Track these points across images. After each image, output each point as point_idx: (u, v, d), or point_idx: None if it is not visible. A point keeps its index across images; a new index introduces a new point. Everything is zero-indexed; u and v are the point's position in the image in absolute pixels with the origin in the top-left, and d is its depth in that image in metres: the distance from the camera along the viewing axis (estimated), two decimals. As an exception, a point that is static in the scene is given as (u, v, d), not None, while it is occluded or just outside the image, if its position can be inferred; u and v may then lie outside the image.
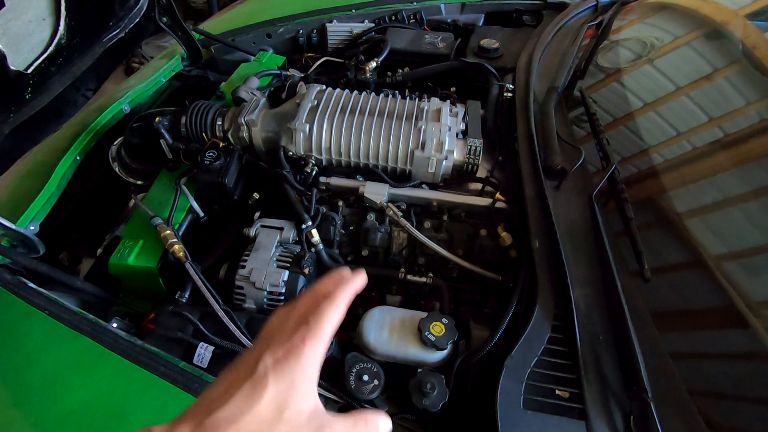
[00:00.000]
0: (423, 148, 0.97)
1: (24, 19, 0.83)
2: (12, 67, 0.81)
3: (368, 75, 1.27)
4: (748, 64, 0.97)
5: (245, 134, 1.02)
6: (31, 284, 0.80)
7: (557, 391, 0.65)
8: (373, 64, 1.28)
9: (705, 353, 0.72)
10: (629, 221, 0.79)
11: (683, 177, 0.88)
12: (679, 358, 0.67)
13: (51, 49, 0.89)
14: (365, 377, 0.71)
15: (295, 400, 0.35)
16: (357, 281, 0.43)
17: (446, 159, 0.98)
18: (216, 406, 0.33)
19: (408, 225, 0.92)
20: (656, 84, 1.07)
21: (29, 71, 0.86)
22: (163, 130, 1.01)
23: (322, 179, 1.01)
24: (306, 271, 0.87)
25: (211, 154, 0.96)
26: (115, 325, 0.79)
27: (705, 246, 0.76)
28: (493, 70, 1.23)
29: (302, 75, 1.35)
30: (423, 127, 0.98)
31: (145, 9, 1.10)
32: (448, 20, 1.55)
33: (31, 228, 0.90)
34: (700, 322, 0.74)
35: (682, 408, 0.61)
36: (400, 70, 1.32)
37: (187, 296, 0.86)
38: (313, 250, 0.93)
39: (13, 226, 0.81)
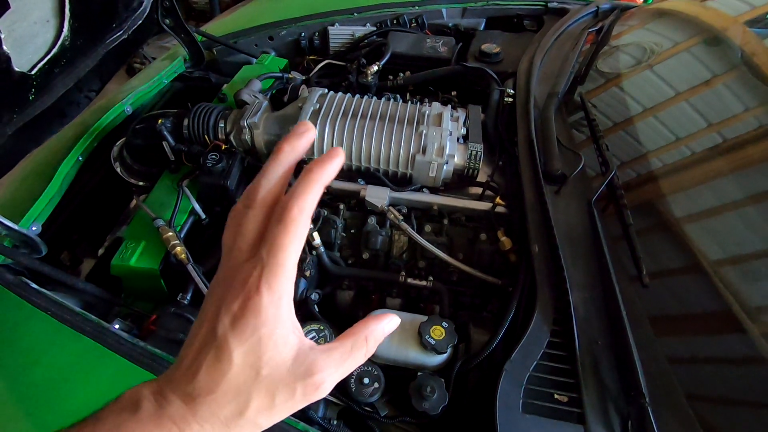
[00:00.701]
0: (424, 152, 0.97)
1: (28, 20, 0.83)
2: (16, 69, 0.81)
3: (370, 78, 1.27)
4: (747, 71, 0.98)
5: (247, 137, 1.02)
6: (33, 285, 0.81)
7: (556, 395, 0.65)
8: (375, 67, 1.29)
9: (703, 358, 0.72)
10: (628, 227, 0.80)
11: (682, 182, 0.89)
12: (677, 362, 0.68)
13: (55, 50, 0.90)
14: (366, 380, 0.72)
15: (267, 355, 0.32)
16: (326, 163, 0.34)
17: (447, 163, 0.98)
18: (191, 375, 0.32)
19: (409, 229, 0.92)
20: (656, 89, 1.08)
21: (33, 72, 0.86)
22: (165, 132, 1.01)
23: (324, 182, 1.01)
24: (307, 273, 0.88)
25: (213, 156, 0.96)
26: (116, 326, 0.79)
27: (703, 251, 0.76)
28: (494, 75, 1.23)
29: (304, 78, 1.35)
30: (424, 131, 0.98)
31: (148, 11, 1.11)
32: (450, 24, 1.55)
33: (34, 228, 0.90)
34: (698, 327, 0.75)
35: (679, 412, 0.62)
36: (402, 74, 1.33)
37: (189, 298, 0.87)
38: (314, 252, 0.93)
39: (15, 227, 0.81)
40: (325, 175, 0.34)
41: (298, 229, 0.33)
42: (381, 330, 0.37)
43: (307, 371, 0.33)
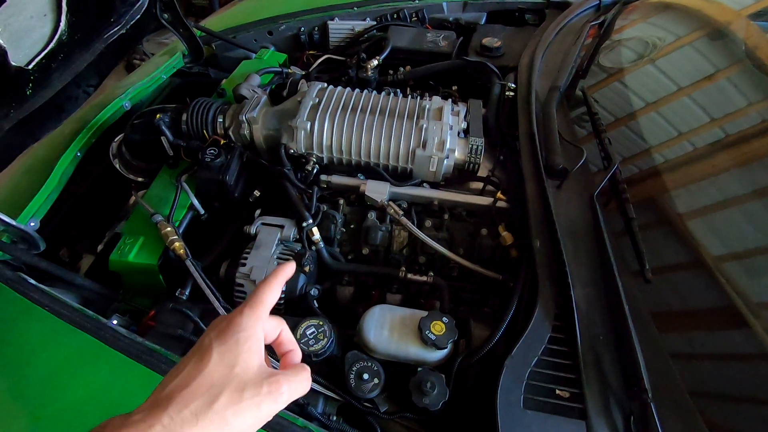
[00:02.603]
0: (424, 146, 0.97)
1: (25, 14, 0.82)
2: (13, 63, 0.81)
3: (370, 73, 1.27)
4: (750, 65, 0.97)
5: (246, 132, 1.02)
6: (31, 280, 0.80)
7: (557, 391, 0.65)
8: (375, 62, 1.28)
9: (705, 354, 0.72)
10: (631, 221, 0.79)
11: (685, 177, 0.88)
12: (680, 358, 0.67)
13: (52, 45, 0.89)
14: (365, 376, 0.71)
15: (242, 356, 0.39)
16: (286, 268, 0.49)
17: (447, 158, 0.97)
18: (169, 382, 0.37)
19: (409, 224, 0.92)
20: (658, 84, 1.07)
21: (30, 67, 0.85)
22: (164, 127, 1.00)
23: (323, 177, 1.00)
24: (306, 269, 0.87)
25: (212, 151, 0.96)
26: (115, 321, 0.79)
27: (706, 246, 0.76)
28: (495, 69, 1.22)
29: (303, 73, 1.35)
30: (424, 125, 0.98)
31: (146, 5, 1.10)
32: (450, 18, 1.54)
33: (32, 224, 0.90)
34: (701, 322, 0.74)
35: (682, 408, 0.61)
36: (402, 69, 1.32)
37: (187, 293, 0.86)
38: (313, 248, 0.93)
39: (13, 223, 0.81)
40: (286, 272, 0.49)
41: (276, 284, 0.46)
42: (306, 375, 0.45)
43: (271, 373, 0.40)
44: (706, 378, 0.68)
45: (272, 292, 0.46)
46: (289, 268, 0.49)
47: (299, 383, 0.43)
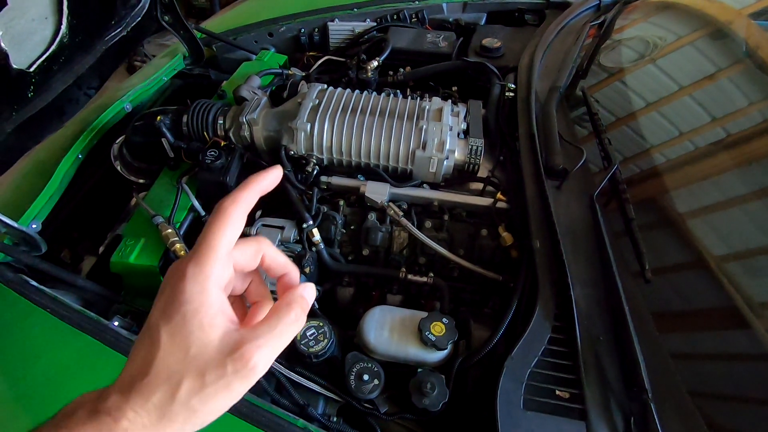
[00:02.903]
0: (424, 147, 0.97)
1: (27, 17, 0.83)
2: (14, 66, 0.81)
3: (370, 74, 1.27)
4: (752, 64, 0.96)
5: (246, 133, 1.02)
6: (33, 282, 0.81)
7: (557, 392, 0.65)
8: (375, 63, 1.28)
9: (706, 354, 0.72)
10: (630, 222, 0.79)
11: (685, 177, 0.88)
12: (680, 359, 0.67)
13: (53, 47, 0.89)
14: (365, 376, 0.71)
15: (193, 335, 0.33)
16: (257, 180, 0.39)
17: (447, 159, 0.97)
18: (130, 366, 0.33)
19: (409, 224, 0.92)
20: (659, 84, 1.07)
21: (32, 70, 0.86)
22: (164, 129, 1.01)
23: (323, 178, 1.01)
24: (306, 270, 0.87)
25: (212, 153, 0.96)
26: (116, 323, 0.79)
27: (707, 247, 0.75)
28: (495, 70, 1.22)
29: (304, 74, 1.35)
30: (424, 126, 0.98)
31: (147, 7, 1.10)
32: (450, 19, 1.54)
33: (33, 226, 0.90)
34: (702, 323, 0.74)
35: (682, 409, 0.61)
36: (402, 70, 1.32)
37: (188, 295, 0.87)
38: (313, 249, 0.93)
39: (15, 224, 0.81)
40: (263, 183, 0.40)
41: (230, 217, 0.36)
42: (300, 296, 0.38)
43: (235, 346, 0.33)
44: (706, 379, 0.68)
45: (228, 227, 0.36)
46: (263, 180, 0.40)
47: (279, 337, 0.35)
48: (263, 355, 0.33)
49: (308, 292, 0.39)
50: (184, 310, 0.33)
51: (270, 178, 0.40)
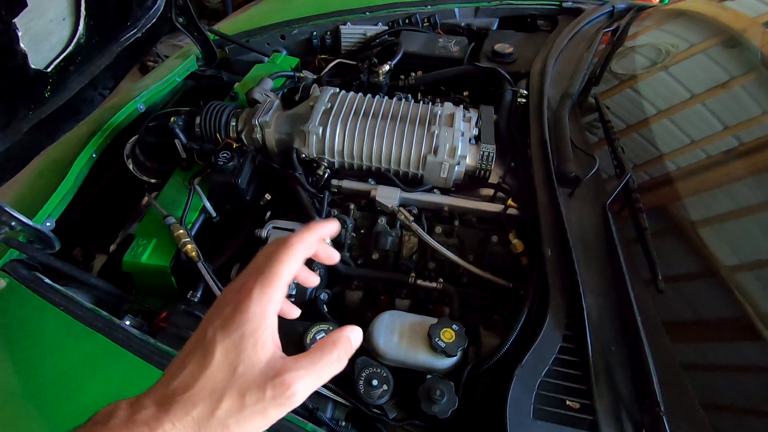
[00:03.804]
0: (435, 152, 0.97)
1: (45, 18, 0.84)
2: (32, 66, 0.82)
3: (381, 78, 1.27)
4: (766, 73, 0.95)
5: (258, 135, 1.02)
6: (46, 280, 0.82)
7: (568, 402, 0.64)
8: (386, 67, 1.28)
9: (719, 366, 0.71)
10: (643, 231, 0.78)
11: (698, 186, 0.87)
12: (693, 370, 0.66)
13: (70, 48, 0.91)
14: (374, 382, 0.71)
15: (245, 354, 0.34)
16: (323, 227, 0.42)
17: (459, 164, 0.97)
18: (173, 378, 0.34)
19: (419, 229, 0.92)
20: (671, 91, 1.06)
21: (49, 70, 0.87)
22: (177, 130, 1.02)
23: (334, 182, 1.01)
24: (316, 273, 0.87)
25: (224, 154, 0.96)
26: (127, 322, 0.80)
27: (719, 256, 0.75)
28: (507, 75, 1.22)
29: (315, 77, 1.35)
30: (436, 131, 0.98)
31: (162, 9, 1.11)
32: (462, 24, 1.54)
33: (47, 224, 0.91)
34: (714, 333, 0.73)
35: (695, 422, 0.60)
36: (413, 74, 1.32)
37: (199, 296, 0.87)
38: (323, 252, 0.93)
39: (30, 222, 0.82)
40: (324, 229, 0.42)
41: (297, 253, 0.38)
42: (346, 338, 0.39)
43: (277, 373, 0.34)
44: (720, 391, 0.67)
45: (293, 260, 0.38)
46: (326, 228, 0.42)
47: (319, 372, 0.36)
48: (302, 386, 0.35)
49: (355, 336, 0.40)
50: (244, 329, 0.35)
51: (330, 228, 0.44)
